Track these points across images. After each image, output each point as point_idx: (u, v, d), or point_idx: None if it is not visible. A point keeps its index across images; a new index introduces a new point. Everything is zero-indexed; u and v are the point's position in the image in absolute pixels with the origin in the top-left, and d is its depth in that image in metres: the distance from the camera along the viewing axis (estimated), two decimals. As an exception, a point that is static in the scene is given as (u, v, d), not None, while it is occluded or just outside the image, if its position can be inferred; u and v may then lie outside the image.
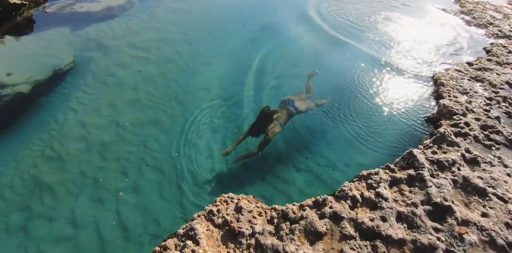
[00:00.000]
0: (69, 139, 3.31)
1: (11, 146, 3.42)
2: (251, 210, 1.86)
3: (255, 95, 4.09)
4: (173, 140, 3.32)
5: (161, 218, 2.56)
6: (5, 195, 2.82)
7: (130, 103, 3.87)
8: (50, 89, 4.40)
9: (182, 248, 1.62)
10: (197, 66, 4.68)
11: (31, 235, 2.47)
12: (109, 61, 4.92)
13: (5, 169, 3.14)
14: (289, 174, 2.87)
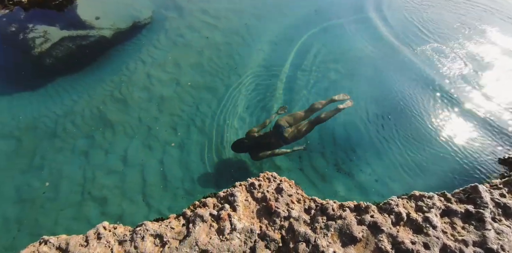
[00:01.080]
0: (135, 86, 3.60)
1: (88, 80, 3.85)
2: (291, 194, 1.81)
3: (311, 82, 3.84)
4: (223, 109, 3.37)
5: (197, 178, 2.70)
6: (76, 121, 3.25)
7: (193, 65, 3.98)
8: (127, 38, 4.73)
9: (219, 209, 1.66)
10: (262, 43, 4.53)
11: (90, 161, 2.84)
12: (181, 23, 5.05)
13: (79, 99, 3.58)
14: (328, 171, 2.75)
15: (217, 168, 2.72)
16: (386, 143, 3.00)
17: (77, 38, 4.65)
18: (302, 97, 3.57)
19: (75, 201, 2.51)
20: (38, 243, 1.70)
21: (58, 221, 2.36)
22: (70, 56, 4.41)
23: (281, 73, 3.99)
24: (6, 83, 3.97)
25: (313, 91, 3.70)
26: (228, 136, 3.03)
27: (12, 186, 2.63)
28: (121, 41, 4.64)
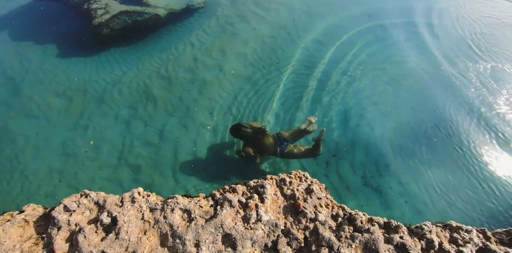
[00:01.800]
0: (181, 67, 3.71)
1: (139, 54, 4.04)
2: (320, 197, 1.75)
3: (352, 90, 3.66)
4: (260, 102, 3.35)
5: (225, 164, 2.74)
6: (123, 91, 3.44)
7: (237, 54, 4.00)
8: (179, 20, 4.86)
9: (248, 198, 1.66)
10: (308, 42, 4.41)
11: (130, 130, 3.01)
12: (232, 11, 5.06)
13: (128, 71, 3.78)
14: (355, 183, 2.63)
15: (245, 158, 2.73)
16: (424, 164, 2.79)
17: (133, 14, 4.86)
18: (335, 99, 3.43)
19: (111, 164, 2.70)
20: (80, 195, 1.84)
21: (94, 179, 2.56)
22: (125, 30, 4.64)
23: (321, 73, 3.86)
24: (69, 47, 4.30)
25: (350, 91, 3.54)
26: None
27: (59, 140, 2.89)
28: (173, 22, 4.78)
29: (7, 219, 1.85)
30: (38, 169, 2.61)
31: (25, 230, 1.76)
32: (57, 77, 3.70)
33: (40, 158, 2.70)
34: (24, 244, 1.65)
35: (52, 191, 2.46)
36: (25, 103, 3.31)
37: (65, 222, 1.67)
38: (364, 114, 3.27)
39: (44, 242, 1.66)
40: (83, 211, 1.72)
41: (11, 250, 1.61)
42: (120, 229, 1.57)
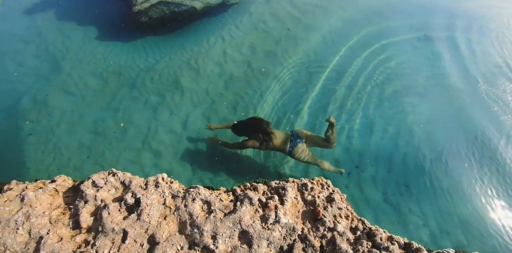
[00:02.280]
0: (210, 60, 3.75)
1: (172, 44, 4.13)
2: (341, 207, 1.70)
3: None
4: (286, 103, 3.31)
5: (244, 162, 2.75)
6: (154, 78, 3.54)
7: (267, 52, 3.97)
8: (214, 14, 4.89)
9: (268, 198, 1.65)
10: (342, 48, 4.27)
11: (156, 117, 3.09)
12: (267, 9, 5.02)
13: (161, 59, 3.88)
14: (375, 198, 2.54)
15: (265, 158, 2.72)
16: (446, 189, 2.63)
17: (171, 4, 4.95)
18: (362, 108, 3.32)
19: (135, 147, 2.80)
20: (107, 173, 1.91)
21: (119, 159, 2.67)
22: (162, 19, 4.74)
23: (351, 81, 3.74)
24: (109, 31, 4.48)
25: (378, 102, 3.41)
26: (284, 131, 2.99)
27: (91, 118, 3.03)
28: (208, 16, 4.83)
29: (40, 186, 1.96)
30: (70, 144, 2.76)
31: (55, 199, 1.85)
32: (96, 59, 3.87)
33: (73, 134, 2.85)
34: (52, 212, 1.75)
35: (80, 166, 2.60)
36: (64, 80, 3.50)
37: (92, 197, 1.74)
38: (389, 128, 3.15)
39: (71, 213, 1.74)
40: (109, 188, 1.79)
41: (40, 216, 1.70)
42: (142, 211, 1.61)
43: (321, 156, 2.83)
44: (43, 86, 3.43)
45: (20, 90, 3.40)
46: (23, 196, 1.81)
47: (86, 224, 1.63)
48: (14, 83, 3.52)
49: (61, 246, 1.53)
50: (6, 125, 2.92)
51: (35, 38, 4.39)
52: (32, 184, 1.96)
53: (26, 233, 1.62)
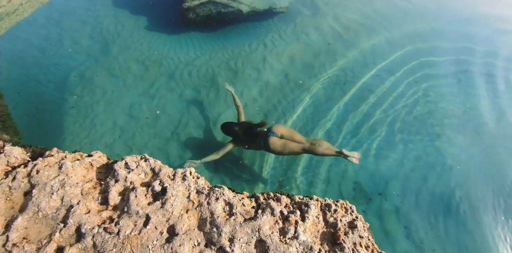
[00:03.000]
0: (249, 64, 3.87)
1: (214, 43, 4.32)
2: (362, 236, 1.66)
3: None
4: (315, 119, 3.31)
5: (267, 170, 2.79)
6: (192, 73, 3.71)
7: (305, 64, 4.02)
8: (259, 19, 5.06)
9: (290, 212, 1.65)
10: (381, 69, 4.21)
11: (189, 110, 3.24)
12: (311, 22, 5.10)
13: (201, 56, 4.06)
14: (396, 231, 2.43)
15: (286, 169, 2.73)
16: (471, 240, 2.45)
17: (219, 5, 5.20)
18: (394, 134, 3.23)
19: (165, 136, 2.94)
20: (140, 157, 2.02)
21: (147, 145, 2.81)
22: (209, 18, 4.98)
23: (387, 105, 3.66)
24: (158, 22, 4.78)
25: (412, 130, 3.32)
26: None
27: (128, 101, 3.24)
28: (253, 20, 5.00)
29: (77, 158, 2.11)
30: (105, 122, 2.96)
31: (89, 172, 1.98)
32: (142, 46, 4.14)
33: (109, 113, 3.06)
34: (85, 184, 1.87)
35: (110, 144, 2.77)
36: (111, 62, 3.78)
37: (123, 177, 1.84)
38: (422, 159, 3.02)
39: (101, 189, 1.85)
40: (139, 172, 1.89)
41: (74, 186, 1.83)
42: (166, 200, 1.68)
43: (342, 177, 2.78)
44: (92, 65, 3.72)
45: (71, 65, 3.71)
46: (62, 164, 1.96)
47: (114, 202, 1.73)
48: (67, 58, 3.85)
49: (88, 218, 1.63)
50: (54, 95, 3.20)
51: (92, 20, 4.79)
52: (70, 155, 2.11)
53: (59, 199, 1.74)
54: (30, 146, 2.38)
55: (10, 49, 4.06)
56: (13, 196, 1.86)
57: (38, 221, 1.68)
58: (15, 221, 1.65)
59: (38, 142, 2.35)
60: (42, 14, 4.92)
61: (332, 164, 2.92)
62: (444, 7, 6.19)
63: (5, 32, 4.55)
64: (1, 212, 1.78)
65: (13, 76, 3.52)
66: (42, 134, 2.74)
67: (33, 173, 1.94)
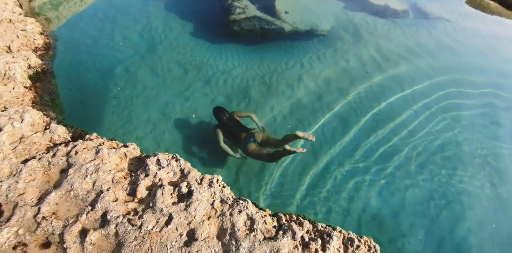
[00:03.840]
0: (284, 81, 4.05)
1: (252, 56, 4.60)
2: (382, 280, 1.62)
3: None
4: (341, 146, 3.33)
5: (287, 188, 2.81)
6: (228, 81, 3.95)
7: (341, 90, 4.13)
8: (300, 39, 5.33)
9: (311, 239, 1.67)
10: (419, 104, 4.21)
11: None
12: (351, 48, 5.28)
13: (238, 67, 4.32)
14: None
15: (306, 194, 2.75)
16: None
17: (263, 21, 5.58)
18: (422, 172, 3.15)
19: (192, 138, 3.10)
20: (171, 156, 2.16)
21: (174, 143, 2.98)
22: (251, 32, 5.34)
23: (417, 141, 3.62)
24: (203, 29, 5.20)
25: (442, 172, 3.22)
26: (334, 173, 3.02)
27: (164, 100, 3.49)
28: (293, 39, 5.28)
29: (113, 146, 2.30)
30: (140, 116, 3.20)
31: (122, 162, 2.15)
32: (185, 50, 4.51)
33: (146, 108, 3.30)
34: (117, 173, 2.02)
35: (141, 137, 2.98)
36: (155, 61, 4.14)
37: (153, 173, 1.98)
38: (452, 206, 2.90)
39: (131, 180, 1.99)
40: (169, 171, 2.02)
41: (107, 172, 1.98)
42: (191, 204, 1.77)
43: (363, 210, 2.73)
44: (137, 61, 4.09)
45: (119, 58, 4.12)
46: (99, 150, 2.14)
47: (141, 195, 1.85)
48: (116, 51, 4.29)
49: (114, 206, 1.75)
50: (99, 84, 3.55)
51: (143, 19, 5.33)
52: (108, 142, 2.30)
53: (91, 183, 1.90)
54: (72, 126, 2.63)
55: (68, 35, 4.60)
56: (51, 171, 2.05)
57: (69, 200, 1.83)
58: (48, 196, 1.81)
59: (79, 123, 2.59)
60: (101, 8, 5.56)
61: (353, 195, 2.88)
62: (491, 48, 6.21)
63: (66, 20, 5.19)
64: (37, 184, 1.97)
65: (66, 60, 3.95)
66: (83, 117, 3.01)
67: (72, 153, 2.14)
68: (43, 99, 2.96)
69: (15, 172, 2.02)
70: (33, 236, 1.63)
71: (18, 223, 1.68)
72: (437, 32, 6.52)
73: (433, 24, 6.81)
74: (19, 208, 1.76)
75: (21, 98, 3.02)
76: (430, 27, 6.66)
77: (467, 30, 6.83)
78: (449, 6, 7.88)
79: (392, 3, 7.58)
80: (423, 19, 7.01)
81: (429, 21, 6.94)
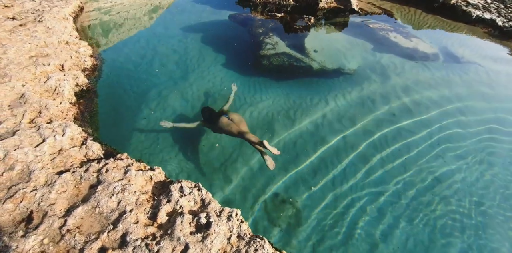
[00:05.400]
0: (308, 117, 4.30)
1: (279, 91, 4.97)
2: None
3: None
4: (367, 198, 3.34)
5: (301, 228, 2.79)
6: (253, 114, 4.27)
7: (366, 131, 4.25)
8: (326, 77, 5.73)
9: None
10: (448, 153, 4.19)
11: (241, 146, 3.65)
12: (378, 89, 5.54)
13: (265, 100, 4.65)
14: None
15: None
16: None
17: (292, 58, 6.16)
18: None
19: (214, 165, 3.27)
20: (194, 185, 2.33)
21: (196, 169, 3.18)
22: (280, 67, 5.88)
23: (449, 191, 3.49)
24: (235, 62, 5.81)
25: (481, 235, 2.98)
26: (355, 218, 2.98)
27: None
28: (320, 77, 5.70)
29: (141, 168, 2.54)
30: (167, 139, 3.51)
31: (147, 184, 2.35)
32: (215, 80, 5.06)
33: (172, 131, 3.64)
34: (141, 195, 2.21)
35: (165, 160, 3.23)
36: (186, 87, 4.66)
37: (175, 199, 2.14)
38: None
39: (153, 204, 2.16)
40: (190, 199, 2.17)
41: (132, 193, 2.17)
42: (208, 236, 1.86)
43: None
44: (170, 86, 4.64)
45: (154, 83, 4.70)
46: (128, 170, 2.38)
47: (161, 220, 1.98)
48: (153, 76, 4.92)
49: (135, 229, 1.89)
50: (133, 104, 4.04)
51: (181, 50, 6.14)
52: (136, 163, 2.56)
53: (116, 202, 2.09)
54: (105, 144, 2.96)
55: (113, 59, 5.40)
56: (81, 186, 2.29)
57: (94, 216, 2.01)
58: (76, 209, 2.01)
59: (110, 140, 2.93)
60: (144, 37, 6.54)
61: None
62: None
63: (113, 45, 6.14)
64: (68, 196, 2.19)
65: (108, 81, 4.59)
66: (115, 134, 3.38)
67: (102, 170, 2.40)
68: (84, 116, 3.41)
69: (49, 182, 2.28)
70: (56, 247, 1.78)
71: (44, 232, 1.86)
72: (469, 77, 6.70)
73: (464, 68, 7.03)
74: (48, 218, 1.95)
75: (65, 113, 3.49)
76: (462, 71, 6.87)
77: (501, 76, 6.95)
78: (482, 51, 8.19)
79: (422, 46, 8.04)
80: (454, 63, 7.28)
81: (460, 65, 7.19)
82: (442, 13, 11.44)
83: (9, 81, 3.75)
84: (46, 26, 5.76)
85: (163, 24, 7.25)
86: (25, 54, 4.60)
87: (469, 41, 9.03)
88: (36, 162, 2.46)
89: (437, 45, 8.12)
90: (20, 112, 3.20)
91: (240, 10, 8.85)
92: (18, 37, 5.24)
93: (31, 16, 6.35)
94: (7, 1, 7.11)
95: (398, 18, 10.07)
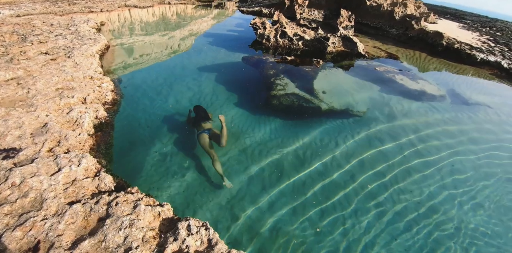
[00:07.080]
0: (317, 157, 4.43)
1: (289, 130, 5.18)
2: None
3: None
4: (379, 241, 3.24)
5: None
6: (263, 152, 4.43)
7: (375, 173, 4.30)
8: (334, 117, 5.98)
9: None
10: (465, 197, 4.08)
11: (249, 185, 3.73)
12: (387, 130, 5.72)
13: (275, 139, 4.87)
14: None
15: None
16: None
17: (302, 99, 6.61)
18: None
19: (220, 203, 3.34)
20: (201, 224, 2.39)
21: (203, 206, 3.18)
22: (289, 107, 6.27)
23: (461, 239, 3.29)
24: (246, 102, 6.22)
25: None
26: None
27: (200, 162, 4.05)
28: (329, 118, 5.98)
29: (150, 203, 2.64)
30: (176, 174, 3.63)
31: (154, 220, 2.42)
32: (226, 117, 5.33)
33: (182, 167, 3.81)
34: (148, 231, 2.27)
35: (173, 195, 3.32)
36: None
37: (182, 238, 2.18)
38: None
39: (159, 241, 2.20)
40: (197, 239, 2.21)
41: (139, 229, 2.24)
42: (214, 279, 1.86)
43: None
44: (182, 123, 5.01)
45: (168, 118, 5.10)
46: (137, 205, 2.49)
47: (166, 260, 2.00)
48: (167, 112, 5.35)
49: (139, 268, 1.91)
50: (146, 138, 4.34)
51: (195, 87, 6.75)
52: (146, 198, 2.67)
53: (123, 237, 2.14)
54: (117, 176, 3.13)
55: (132, 94, 5.96)
56: (90, 218, 2.38)
57: (99, 250, 2.05)
58: (82, 242, 2.07)
59: (122, 171, 3.08)
60: (162, 75, 7.27)
61: None
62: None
63: (133, 81, 6.83)
64: (76, 228, 2.27)
65: (125, 115, 5.01)
66: (126, 166, 3.58)
67: (112, 203, 2.52)
68: (100, 147, 3.67)
69: (60, 212, 2.39)
70: (58, 284, 1.80)
71: (48, 267, 1.90)
72: (478, 118, 6.89)
73: (473, 109, 7.30)
74: (54, 249, 2.01)
75: (83, 144, 3.77)
76: (471, 112, 7.11)
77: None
78: (490, 92, 8.55)
79: (429, 88, 8.48)
80: (462, 104, 7.59)
81: (469, 106, 7.48)
82: (447, 57, 12.29)
83: (34, 111, 4.17)
84: (74, 62, 6.58)
85: (180, 64, 8.14)
86: (52, 86, 5.18)
87: (476, 83, 9.54)
88: (50, 191, 2.61)
89: (445, 87, 8.58)
90: (41, 141, 3.49)
91: (253, 52, 9.90)
92: (48, 70, 5.96)
93: (62, 52, 7.31)
94: (42, 38, 8.32)
95: (404, 61, 10.91)
